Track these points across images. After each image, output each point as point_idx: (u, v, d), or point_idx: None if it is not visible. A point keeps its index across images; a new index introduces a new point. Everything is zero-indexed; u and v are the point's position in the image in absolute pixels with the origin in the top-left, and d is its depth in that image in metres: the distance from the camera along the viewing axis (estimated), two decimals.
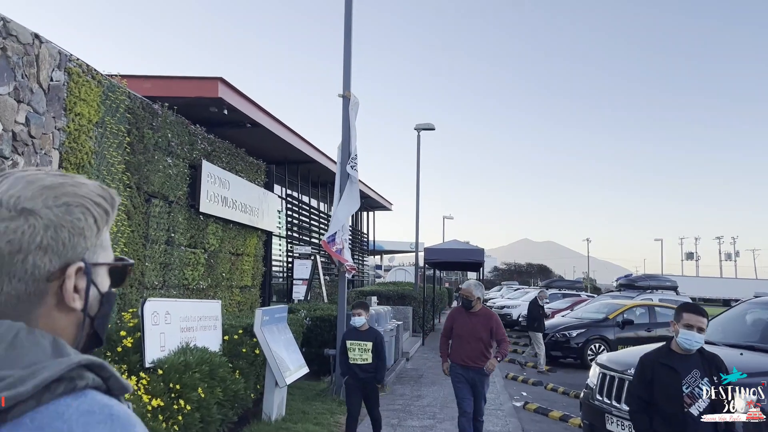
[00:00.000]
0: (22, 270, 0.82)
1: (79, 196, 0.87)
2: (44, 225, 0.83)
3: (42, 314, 0.85)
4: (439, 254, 17.63)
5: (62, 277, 0.85)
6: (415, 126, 21.09)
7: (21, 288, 0.82)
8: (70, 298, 0.85)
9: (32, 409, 0.74)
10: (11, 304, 0.83)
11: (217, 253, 11.28)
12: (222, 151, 11.51)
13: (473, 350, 6.48)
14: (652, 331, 14.85)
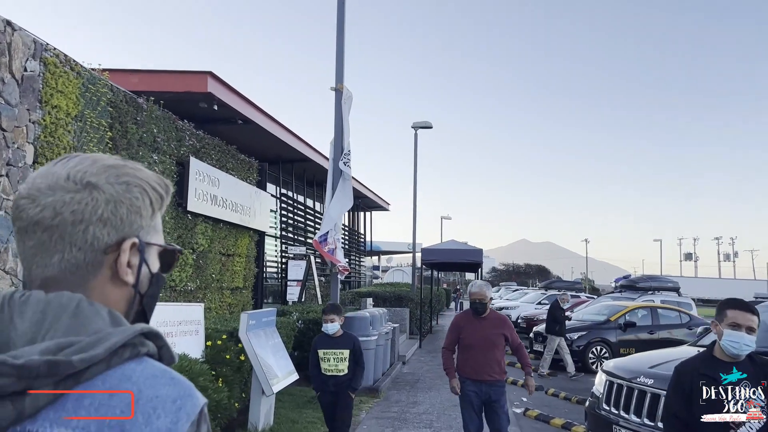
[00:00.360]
0: (82, 239, 0.88)
1: (138, 178, 0.95)
2: (105, 199, 0.89)
3: (97, 286, 0.90)
4: (437, 255, 17.24)
5: (118, 251, 0.90)
6: (412, 124, 20.72)
7: (80, 257, 0.88)
8: (123, 271, 0.91)
9: (102, 372, 0.81)
10: (70, 272, 0.88)
11: (207, 254, 10.90)
12: (211, 148, 11.13)
13: (487, 361, 5.62)
14: (655, 333, 14.50)
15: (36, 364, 0.76)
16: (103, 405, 0.79)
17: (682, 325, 14.90)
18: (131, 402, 0.80)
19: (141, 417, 0.79)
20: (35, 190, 0.89)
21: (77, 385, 0.79)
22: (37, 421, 0.78)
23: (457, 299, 40.77)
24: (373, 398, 9.18)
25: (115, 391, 0.80)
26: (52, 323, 0.83)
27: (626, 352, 14.09)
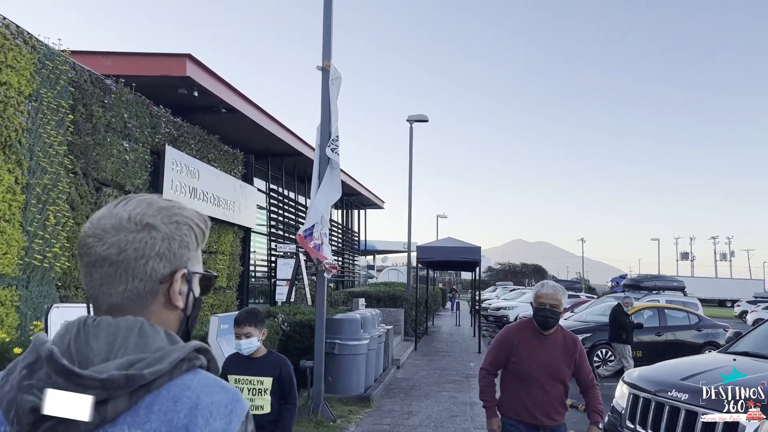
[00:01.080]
0: (143, 272, 1.04)
1: (185, 217, 1.11)
2: (162, 237, 1.06)
3: (154, 310, 1.07)
4: (433, 253, 16.49)
5: (171, 281, 1.08)
6: (408, 117, 19.96)
7: (141, 287, 1.05)
8: (176, 298, 1.09)
9: (166, 383, 0.98)
10: (132, 300, 1.05)
11: None
12: (191, 136, 10.35)
13: (549, 398, 4.01)
14: (663, 335, 13.78)
15: (117, 378, 0.94)
16: (169, 410, 0.96)
17: (690, 327, 14.19)
18: (192, 407, 0.97)
19: (201, 420, 0.96)
20: (101, 230, 1.05)
21: (147, 394, 0.97)
22: (116, 424, 0.95)
23: (453, 299, 40.02)
24: (364, 408, 8.42)
25: (178, 399, 0.97)
26: (122, 343, 0.99)
27: (633, 355, 13.39)
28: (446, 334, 21.96)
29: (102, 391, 0.93)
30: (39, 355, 0.98)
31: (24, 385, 0.95)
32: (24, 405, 0.93)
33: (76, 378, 0.93)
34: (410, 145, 19.99)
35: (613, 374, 13.19)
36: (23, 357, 1.01)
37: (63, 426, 0.93)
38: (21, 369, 0.98)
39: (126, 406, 0.95)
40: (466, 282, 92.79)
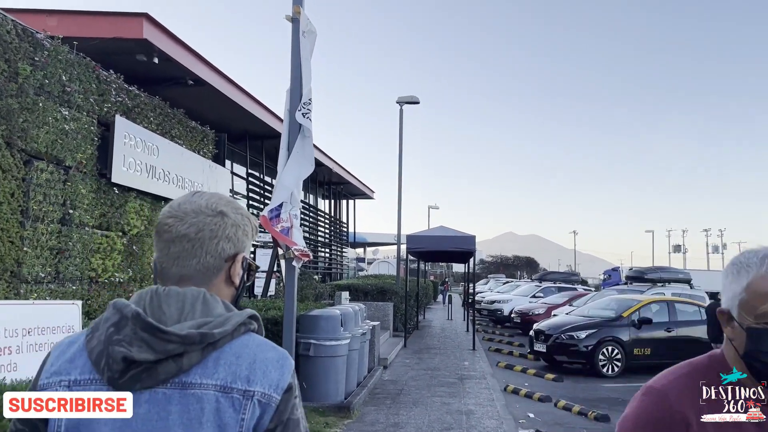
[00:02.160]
0: (214, 250, 1.27)
1: (246, 211, 1.36)
2: (231, 223, 1.29)
3: (216, 284, 1.28)
4: (424, 242, 15.32)
5: (233, 261, 1.30)
6: (398, 99, 18.77)
7: (211, 262, 1.27)
8: (235, 276, 1.30)
9: (229, 342, 1.19)
10: (201, 273, 1.26)
11: (143, 238, 8.90)
12: (149, 108, 9.11)
13: None
14: (673, 331, 12.70)
15: (194, 335, 1.15)
16: (233, 364, 1.18)
17: (702, 322, 13.07)
18: (251, 362, 1.19)
19: (259, 372, 1.19)
20: (182, 212, 1.28)
21: (214, 351, 1.18)
22: (189, 374, 1.16)
23: (444, 292, 38.96)
24: (343, 419, 7.25)
25: (239, 355, 1.19)
26: (190, 309, 1.20)
27: (640, 352, 12.33)
28: (438, 329, 20.85)
29: (180, 346, 1.14)
30: (123, 315, 1.18)
31: (114, 339, 1.16)
32: (116, 355, 1.14)
33: (160, 333, 1.14)
34: (400, 128, 18.80)
35: (619, 375, 12.13)
36: (106, 318, 1.21)
37: (146, 373, 1.15)
38: (108, 327, 1.19)
39: (198, 359, 1.16)
40: (458, 275, 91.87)
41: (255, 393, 1.17)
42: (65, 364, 1.21)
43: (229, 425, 1.15)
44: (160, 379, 1.14)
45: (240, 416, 1.15)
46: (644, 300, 13.26)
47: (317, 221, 24.32)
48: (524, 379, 11.48)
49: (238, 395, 1.16)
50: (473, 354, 14.20)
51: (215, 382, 1.15)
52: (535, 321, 20.46)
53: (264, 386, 1.18)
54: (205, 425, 1.14)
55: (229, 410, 1.15)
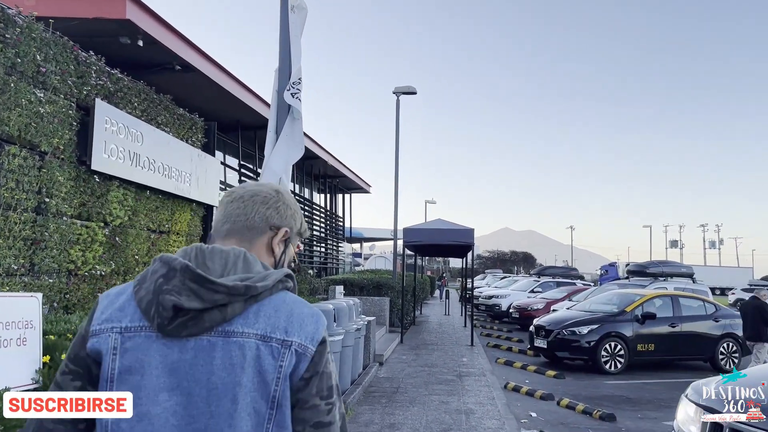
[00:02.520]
0: (263, 214, 1.44)
1: (297, 204, 1.55)
2: (283, 202, 1.49)
3: (257, 247, 1.43)
4: (421, 235, 14.90)
5: (276, 231, 1.46)
6: (394, 89, 18.35)
7: (257, 222, 1.44)
8: (275, 246, 1.46)
9: (268, 296, 1.31)
10: (247, 229, 1.43)
11: (127, 229, 8.49)
12: (133, 93, 8.67)
13: None
14: (677, 326, 12.33)
15: (239, 286, 1.26)
16: (272, 316, 1.29)
17: (707, 317, 12.76)
18: (289, 315, 1.31)
19: (296, 324, 1.30)
20: (245, 185, 1.52)
21: (255, 303, 1.29)
22: (232, 324, 1.26)
23: (441, 287, 38.61)
24: None
25: (278, 309, 1.31)
26: (233, 265, 1.32)
27: (644, 348, 11.96)
28: (435, 325, 20.48)
29: (226, 296, 1.25)
30: (172, 267, 1.28)
31: (163, 289, 1.25)
32: (166, 303, 1.24)
33: (209, 284, 1.24)
34: (397, 118, 18.37)
35: (622, 371, 11.75)
36: (153, 270, 1.31)
37: (193, 321, 1.24)
38: (156, 279, 1.28)
39: (240, 310, 1.27)
40: (455, 270, 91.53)
41: (293, 343, 1.28)
42: (116, 312, 1.31)
43: (268, 371, 1.25)
44: (205, 327, 1.25)
45: (278, 363, 1.26)
46: (647, 294, 12.90)
47: (312, 215, 23.90)
48: (525, 376, 11.10)
49: (276, 344, 1.26)
50: (471, 350, 13.83)
51: (256, 331, 1.26)
52: (533, 316, 20.11)
53: (301, 337, 1.28)
54: (247, 370, 1.24)
55: (269, 357, 1.25)
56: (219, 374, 1.23)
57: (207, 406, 1.23)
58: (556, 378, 11.01)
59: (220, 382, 1.23)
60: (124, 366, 1.26)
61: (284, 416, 1.26)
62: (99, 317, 1.32)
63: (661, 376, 11.61)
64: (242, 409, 1.23)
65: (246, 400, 1.23)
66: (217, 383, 1.23)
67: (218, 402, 1.23)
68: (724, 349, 12.58)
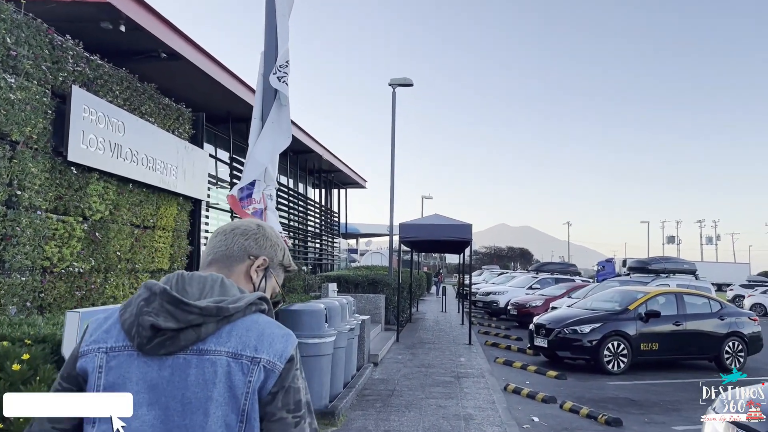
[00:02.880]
0: (241, 244, 1.59)
1: (280, 240, 1.68)
2: (263, 234, 1.62)
3: (236, 273, 1.57)
4: (418, 231, 14.49)
5: (254, 260, 1.59)
6: (390, 81, 17.89)
7: (235, 251, 1.58)
8: (253, 273, 1.59)
9: (240, 318, 1.41)
10: (226, 257, 1.57)
11: (108, 224, 8.06)
12: (114, 81, 8.23)
13: None
14: (682, 324, 11.95)
15: (211, 308, 1.37)
16: (243, 336, 1.39)
17: (712, 315, 12.38)
18: (260, 335, 1.40)
19: (266, 342, 1.39)
20: (232, 222, 1.68)
21: (227, 324, 1.39)
22: (206, 342, 1.36)
23: (438, 283, 38.24)
24: (327, 427, 6.45)
25: (249, 329, 1.41)
26: (210, 290, 1.44)
27: (648, 347, 11.60)
28: (432, 322, 20.08)
29: (199, 317, 1.35)
30: (152, 292, 1.41)
31: (144, 311, 1.38)
32: (145, 323, 1.35)
33: (183, 305, 1.36)
34: (393, 111, 17.91)
35: (625, 371, 11.38)
36: (138, 295, 1.44)
37: (170, 340, 1.35)
38: (139, 302, 1.41)
39: (213, 330, 1.37)
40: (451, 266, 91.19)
41: (261, 359, 1.37)
42: (102, 334, 1.44)
43: (237, 386, 1.35)
44: (180, 345, 1.36)
45: (247, 378, 1.36)
46: (651, 292, 12.51)
47: (307, 210, 23.46)
48: (525, 377, 10.72)
49: (246, 361, 1.37)
50: (469, 349, 13.44)
51: (227, 349, 1.37)
52: (532, 313, 19.74)
53: (269, 355, 1.38)
54: (218, 385, 1.34)
55: (239, 373, 1.35)
56: (193, 390, 1.34)
57: (182, 419, 1.33)
58: (558, 379, 10.62)
59: (194, 397, 1.34)
60: (109, 382, 1.37)
61: (253, 428, 1.35)
62: (87, 339, 1.45)
63: (665, 376, 11.24)
64: (213, 422, 1.33)
65: (217, 414, 1.33)
66: (191, 398, 1.34)
67: (192, 416, 1.33)
68: (729, 348, 12.21)
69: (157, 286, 1.40)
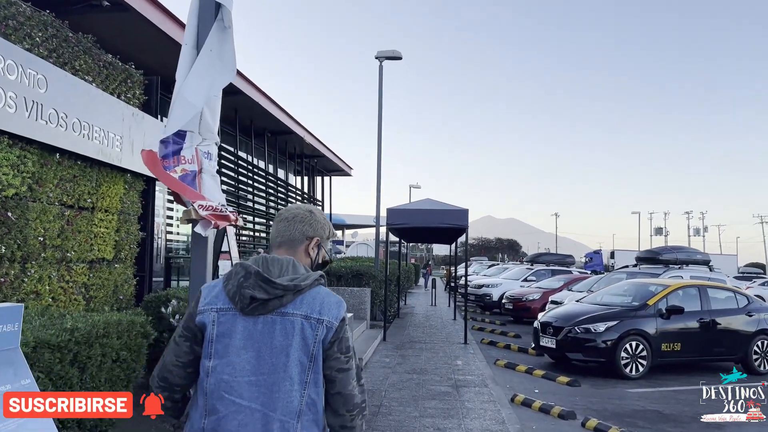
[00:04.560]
0: (300, 229, 2.19)
1: (328, 220, 2.30)
2: (314, 219, 2.23)
3: (299, 252, 2.18)
4: (408, 217, 12.94)
5: (310, 240, 2.21)
6: (377, 54, 16.32)
7: (296, 235, 2.18)
8: (310, 249, 2.21)
9: (308, 290, 2.02)
10: (290, 241, 2.18)
11: (27, 203, 6.47)
12: (34, 25, 6.62)
13: None
14: (707, 322, 10.55)
15: (290, 285, 1.98)
16: (311, 303, 2.00)
17: (739, 311, 11.01)
18: (322, 302, 2.03)
19: (326, 309, 2.01)
20: (291, 208, 2.29)
21: (300, 295, 2.00)
22: (287, 308, 1.98)
23: (427, 275, 36.81)
24: None
25: (314, 297, 2.03)
26: (285, 269, 2.04)
27: (669, 348, 10.22)
28: (422, 317, 18.61)
29: (282, 291, 1.97)
30: (248, 272, 2.01)
31: (243, 285, 1.99)
32: (245, 295, 1.97)
33: (271, 283, 1.97)
34: (380, 86, 16.34)
35: (644, 375, 9.98)
36: (236, 272, 2.05)
37: (262, 306, 1.97)
38: (239, 278, 2.01)
39: (291, 299, 1.99)
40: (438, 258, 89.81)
41: (324, 320, 1.99)
42: (213, 298, 2.05)
43: (308, 338, 1.97)
44: (269, 309, 1.97)
45: (315, 333, 1.98)
46: (672, 285, 11.09)
47: (287, 198, 21.88)
48: (532, 383, 9.28)
49: (314, 321, 1.98)
50: (465, 349, 11.98)
51: (301, 312, 1.98)
52: (529, 307, 18.34)
53: (329, 317, 2.00)
54: (295, 337, 1.96)
55: (309, 329, 1.97)
56: (278, 339, 1.96)
57: (270, 358, 1.95)
58: (570, 386, 9.20)
59: (278, 344, 1.95)
60: (220, 332, 1.99)
61: (318, 366, 1.98)
62: (203, 302, 2.06)
63: (688, 381, 9.82)
64: (292, 361, 1.95)
65: (294, 356, 1.95)
66: (277, 345, 1.95)
67: (277, 357, 1.95)
68: (758, 348, 10.85)
69: (252, 267, 2.01)
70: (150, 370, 6.64)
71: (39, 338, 3.66)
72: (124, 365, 4.66)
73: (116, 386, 4.55)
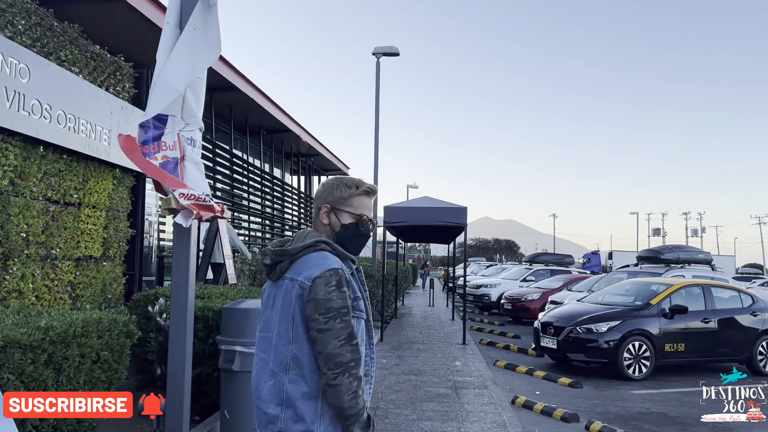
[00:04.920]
0: (316, 205, 2.36)
1: (339, 179, 2.38)
2: (326, 188, 2.37)
3: (318, 222, 2.33)
4: (405, 215, 12.69)
5: (320, 209, 2.33)
6: (374, 50, 16.07)
7: (317, 205, 2.35)
8: (323, 217, 2.32)
9: (302, 256, 2.19)
10: (316, 213, 2.35)
11: (9, 197, 6.22)
12: (17, 12, 6.38)
13: None
14: (711, 321, 10.33)
15: (278, 251, 2.22)
16: (298, 267, 2.17)
17: (744, 310, 10.78)
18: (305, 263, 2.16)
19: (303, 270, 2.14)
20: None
21: (296, 261, 2.18)
22: (286, 272, 2.18)
23: (424, 276, 36.56)
24: None
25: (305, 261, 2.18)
26: (297, 240, 2.26)
27: (672, 348, 9.98)
28: (419, 317, 18.35)
29: (279, 257, 2.21)
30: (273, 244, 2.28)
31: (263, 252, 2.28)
32: (263, 262, 2.26)
33: (272, 251, 2.23)
34: (377, 83, 16.10)
35: (647, 376, 9.75)
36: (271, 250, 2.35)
37: (271, 271, 2.23)
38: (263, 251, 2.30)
39: (288, 265, 2.19)
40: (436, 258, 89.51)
41: (298, 281, 2.13)
42: None
43: (288, 297, 2.13)
44: (277, 275, 2.21)
45: (291, 292, 2.13)
46: (675, 284, 10.85)
47: (284, 197, 21.61)
48: (533, 385, 9.04)
49: (293, 281, 2.14)
50: (464, 350, 11.74)
51: (290, 275, 2.15)
52: (528, 308, 18.12)
53: (303, 277, 2.12)
54: (284, 297, 2.14)
55: (290, 289, 2.14)
56: (278, 300, 2.17)
57: (271, 317, 2.18)
58: (572, 387, 8.95)
59: (277, 305, 2.17)
60: (263, 294, 2.31)
61: (298, 324, 2.11)
62: None
63: (692, 382, 9.55)
64: (282, 320, 2.13)
65: (283, 315, 2.13)
66: (276, 305, 2.17)
67: (274, 315, 2.17)
68: (763, 348, 10.63)
69: (278, 240, 2.33)
70: (134, 371, 6.36)
71: (8, 337, 3.40)
72: (105, 366, 4.40)
73: (96, 388, 4.29)
